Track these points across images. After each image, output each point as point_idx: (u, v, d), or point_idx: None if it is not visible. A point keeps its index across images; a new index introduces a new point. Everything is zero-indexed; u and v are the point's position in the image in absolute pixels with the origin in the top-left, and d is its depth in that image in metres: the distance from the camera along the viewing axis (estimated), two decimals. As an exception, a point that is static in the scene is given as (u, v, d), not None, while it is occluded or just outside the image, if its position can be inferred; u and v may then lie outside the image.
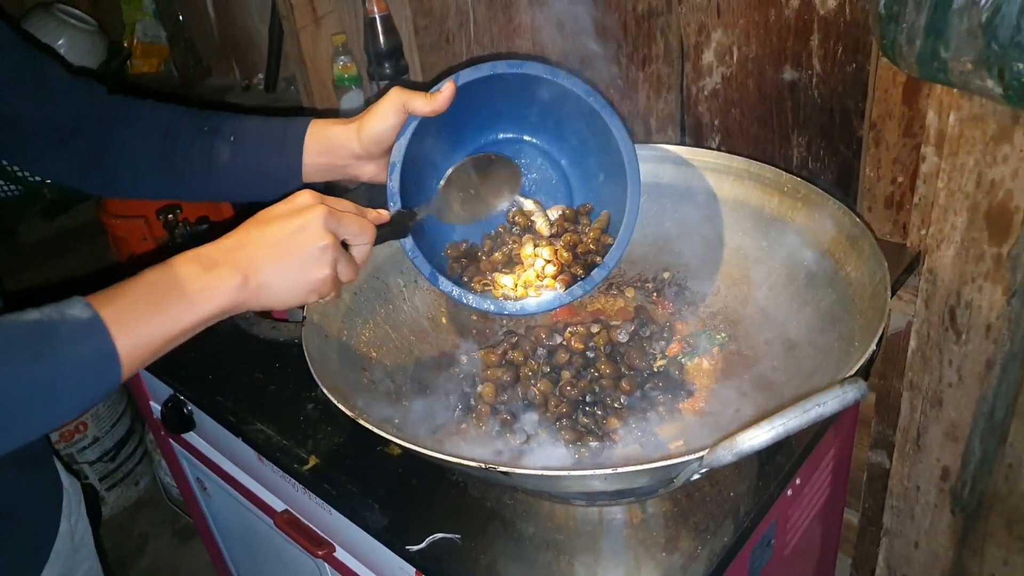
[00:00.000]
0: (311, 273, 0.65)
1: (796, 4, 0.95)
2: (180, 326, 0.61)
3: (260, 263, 0.64)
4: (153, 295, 0.60)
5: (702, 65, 1.08)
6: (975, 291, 0.90)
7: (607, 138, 0.83)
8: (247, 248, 0.64)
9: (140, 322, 0.59)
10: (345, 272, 0.69)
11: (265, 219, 0.66)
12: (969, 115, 0.81)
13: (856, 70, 0.95)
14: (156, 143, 0.82)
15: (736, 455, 0.57)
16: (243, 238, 0.65)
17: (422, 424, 0.79)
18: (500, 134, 0.91)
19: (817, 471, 0.94)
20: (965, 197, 0.86)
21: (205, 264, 0.63)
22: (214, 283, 0.62)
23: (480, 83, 0.78)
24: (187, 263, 0.63)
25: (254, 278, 0.63)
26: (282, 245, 0.64)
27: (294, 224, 0.65)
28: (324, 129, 0.80)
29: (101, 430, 1.83)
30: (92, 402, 0.59)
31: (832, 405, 0.57)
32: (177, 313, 0.61)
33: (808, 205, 0.87)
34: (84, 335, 0.57)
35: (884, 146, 0.96)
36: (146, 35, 2.01)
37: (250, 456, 0.97)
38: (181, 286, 0.61)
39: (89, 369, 0.57)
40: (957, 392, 0.97)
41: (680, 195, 0.98)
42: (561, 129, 0.90)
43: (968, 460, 0.98)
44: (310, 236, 0.65)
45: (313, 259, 0.65)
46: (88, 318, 0.57)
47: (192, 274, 0.62)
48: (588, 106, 0.81)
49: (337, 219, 0.67)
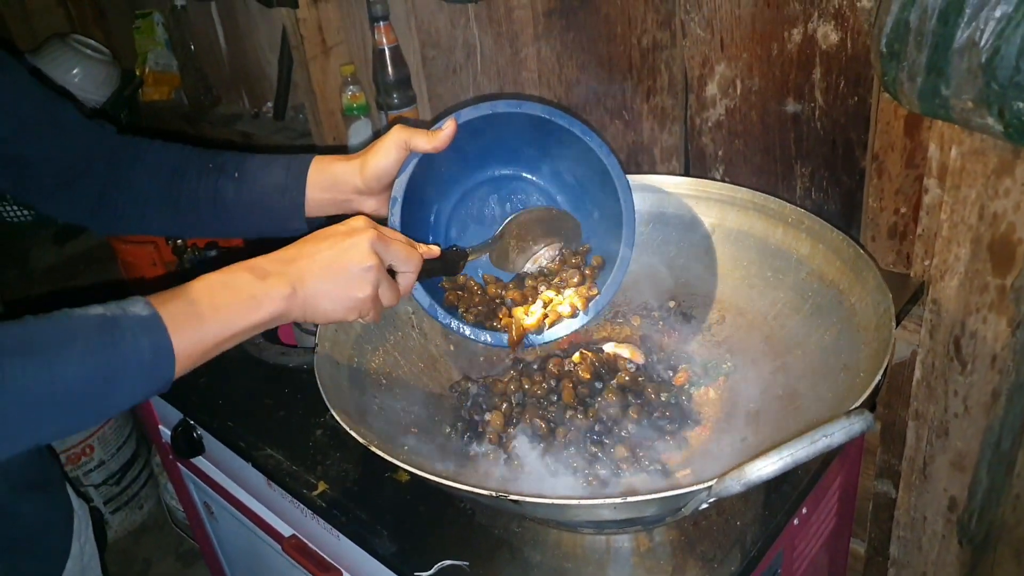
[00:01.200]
0: (353, 291, 0.69)
1: (798, 39, 0.97)
2: (232, 329, 0.64)
3: (308, 277, 0.67)
4: (209, 299, 0.63)
5: (706, 97, 1.10)
6: (980, 322, 0.91)
7: (603, 177, 0.86)
8: (298, 262, 0.68)
9: (196, 323, 0.62)
10: (387, 296, 0.71)
11: (319, 237, 0.70)
12: (971, 149, 0.82)
13: (858, 103, 0.96)
14: (163, 181, 0.84)
15: (745, 485, 0.58)
16: (296, 252, 0.69)
17: (431, 451, 0.80)
18: (498, 171, 0.93)
19: (823, 501, 0.94)
20: (968, 229, 0.87)
21: (258, 273, 0.66)
22: (265, 291, 0.65)
23: (480, 121, 0.80)
24: (242, 271, 0.66)
25: (301, 290, 0.67)
26: (330, 262, 0.68)
27: (344, 244, 0.69)
28: (327, 165, 0.83)
29: (107, 453, 1.83)
30: (145, 395, 0.62)
31: (839, 436, 0.57)
32: (230, 317, 0.64)
33: (812, 236, 0.88)
34: (144, 330, 0.60)
35: (887, 177, 0.98)
36: (158, 64, 2.04)
37: (259, 481, 0.98)
38: (235, 292, 0.65)
39: (147, 363, 0.59)
40: (963, 422, 0.98)
41: (685, 225, 0.99)
42: (557, 166, 0.92)
43: (975, 490, 0.98)
44: (356, 256, 0.68)
45: (356, 278, 0.68)
46: (148, 315, 0.60)
47: (246, 282, 0.65)
48: (584, 145, 0.84)
49: (385, 244, 0.70)
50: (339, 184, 0.82)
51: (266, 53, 1.79)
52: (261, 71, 1.83)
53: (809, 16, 0.95)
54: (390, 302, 0.72)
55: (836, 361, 0.80)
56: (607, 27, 1.14)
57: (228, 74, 1.94)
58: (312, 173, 0.82)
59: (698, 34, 1.06)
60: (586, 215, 0.93)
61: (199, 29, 1.91)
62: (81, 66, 1.84)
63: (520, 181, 0.94)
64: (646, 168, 1.23)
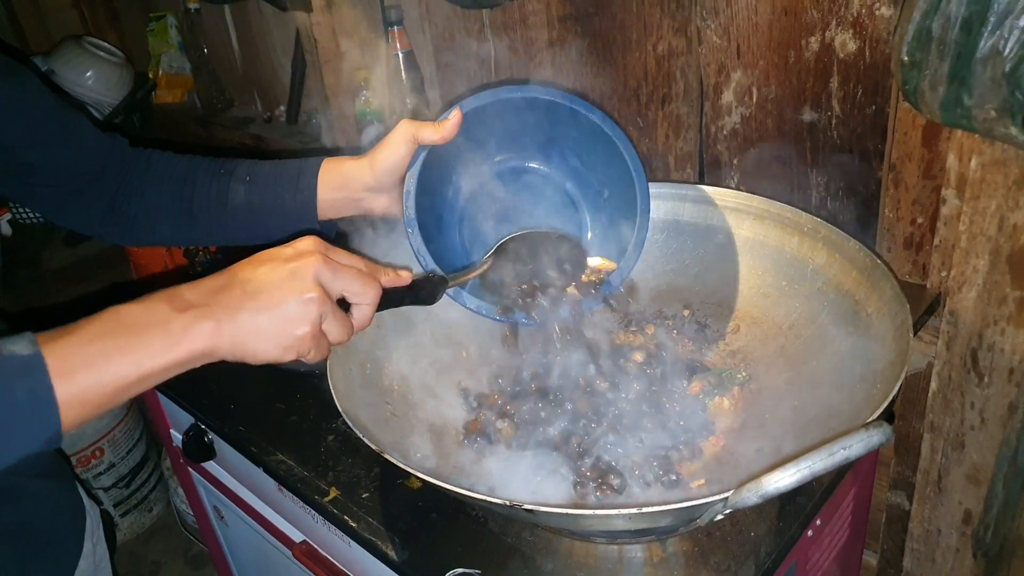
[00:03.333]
0: (289, 327, 0.59)
1: (816, 47, 0.97)
2: (139, 372, 0.55)
3: (237, 310, 0.58)
4: (113, 335, 0.55)
5: (721, 105, 1.10)
6: (997, 334, 0.90)
7: (610, 154, 0.85)
8: (227, 291, 0.59)
9: (91, 365, 0.53)
10: (334, 331, 0.62)
11: (257, 261, 0.61)
12: (991, 160, 0.82)
13: (875, 112, 0.96)
14: (174, 188, 0.83)
15: (761, 497, 0.57)
16: (227, 280, 0.60)
17: (444, 458, 0.79)
18: (508, 161, 0.92)
19: (837, 512, 0.93)
20: (987, 240, 0.86)
21: (178, 305, 0.57)
22: (184, 327, 0.56)
23: (485, 109, 0.80)
24: (159, 302, 0.57)
25: (228, 325, 0.57)
26: (265, 293, 0.59)
27: (284, 271, 0.59)
28: (337, 165, 0.82)
29: (117, 456, 1.84)
30: (28, 450, 0.53)
31: (857, 448, 0.57)
32: (137, 357, 0.55)
33: (829, 245, 0.88)
34: (19, 374, 0.51)
35: (904, 187, 0.97)
36: (171, 67, 2.05)
37: (270, 486, 0.98)
38: (147, 327, 0.55)
39: (21, 412, 0.51)
40: (979, 435, 0.97)
41: (700, 233, 0.99)
42: (564, 150, 0.91)
43: (991, 504, 0.97)
44: (295, 286, 0.59)
45: (293, 312, 0.59)
46: (29, 355, 0.52)
47: (161, 315, 0.56)
48: (590, 123, 0.83)
49: (333, 272, 0.61)
50: (350, 182, 0.81)
51: (279, 57, 1.79)
52: (274, 75, 1.84)
53: (827, 24, 0.95)
54: (338, 339, 0.62)
55: (852, 372, 0.79)
56: (622, 34, 1.14)
57: (241, 77, 1.94)
58: (323, 173, 0.82)
59: (714, 41, 1.05)
60: (596, 195, 0.92)
61: (212, 32, 1.92)
62: (95, 68, 1.85)
63: (530, 171, 0.92)
64: (660, 175, 1.23)
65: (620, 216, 0.88)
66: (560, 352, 0.86)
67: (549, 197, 0.93)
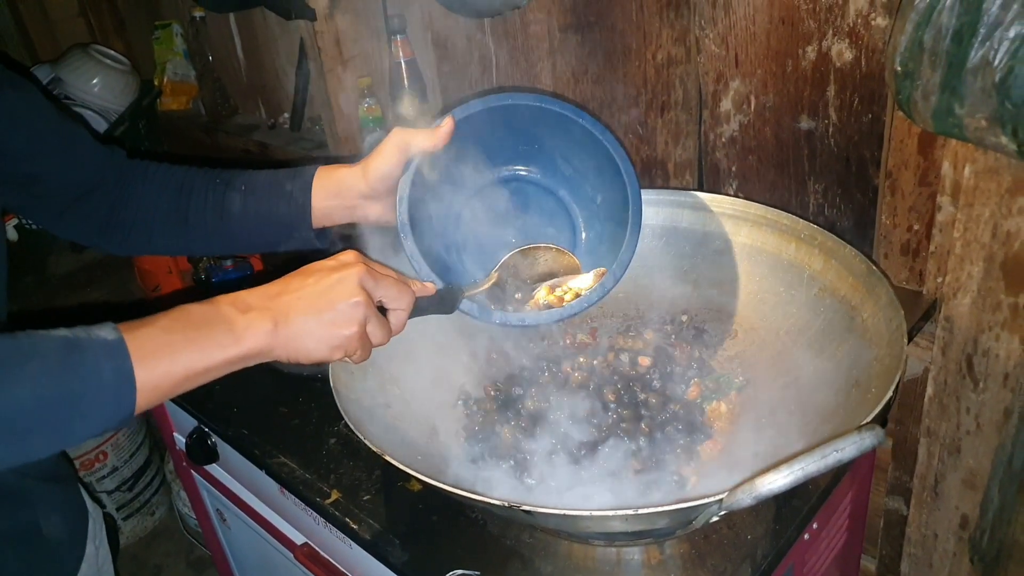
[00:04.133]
0: (339, 329, 0.65)
1: (813, 56, 0.98)
2: (205, 363, 0.61)
3: (292, 313, 0.64)
4: (183, 330, 0.61)
5: (720, 113, 1.11)
6: (992, 339, 0.91)
7: (601, 159, 0.85)
8: (282, 297, 0.65)
9: (164, 353, 0.59)
10: (376, 334, 0.68)
11: (307, 272, 0.68)
12: (984, 168, 0.83)
13: (872, 120, 0.97)
14: (171, 198, 0.85)
15: (755, 498, 0.58)
16: (281, 287, 0.66)
17: (443, 460, 0.80)
18: (501, 170, 0.92)
19: (834, 516, 0.94)
20: (981, 247, 0.87)
21: (240, 307, 0.64)
22: (246, 326, 0.63)
23: (477, 118, 0.81)
24: (223, 304, 0.64)
25: (284, 327, 0.64)
26: (315, 298, 0.65)
27: (331, 279, 0.66)
28: (331, 173, 0.84)
29: (120, 459, 1.85)
30: (105, 426, 0.59)
31: (850, 451, 0.58)
32: (204, 350, 0.61)
33: (825, 252, 0.89)
34: (107, 355, 0.57)
35: (900, 194, 0.98)
36: (176, 74, 2.07)
37: (272, 489, 0.99)
38: (213, 325, 0.62)
39: (107, 390, 0.57)
40: (975, 440, 0.98)
41: (698, 240, 1.00)
42: (556, 156, 0.91)
43: (987, 508, 0.98)
44: (343, 291, 0.65)
45: (342, 315, 0.65)
46: (114, 340, 0.58)
47: (226, 315, 0.63)
48: (576, 126, 0.83)
49: (375, 280, 0.68)
50: (344, 190, 0.83)
51: (283, 64, 1.81)
52: (278, 82, 1.86)
53: (824, 34, 0.96)
54: (380, 341, 0.69)
55: (848, 377, 0.80)
56: (622, 42, 1.15)
57: (245, 84, 1.96)
58: (317, 181, 0.83)
59: (713, 50, 1.07)
60: (589, 202, 0.92)
61: (217, 40, 1.94)
62: (101, 76, 1.87)
63: (522, 178, 0.93)
64: (660, 183, 1.24)
65: (614, 221, 0.89)
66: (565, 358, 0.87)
67: (542, 204, 0.94)
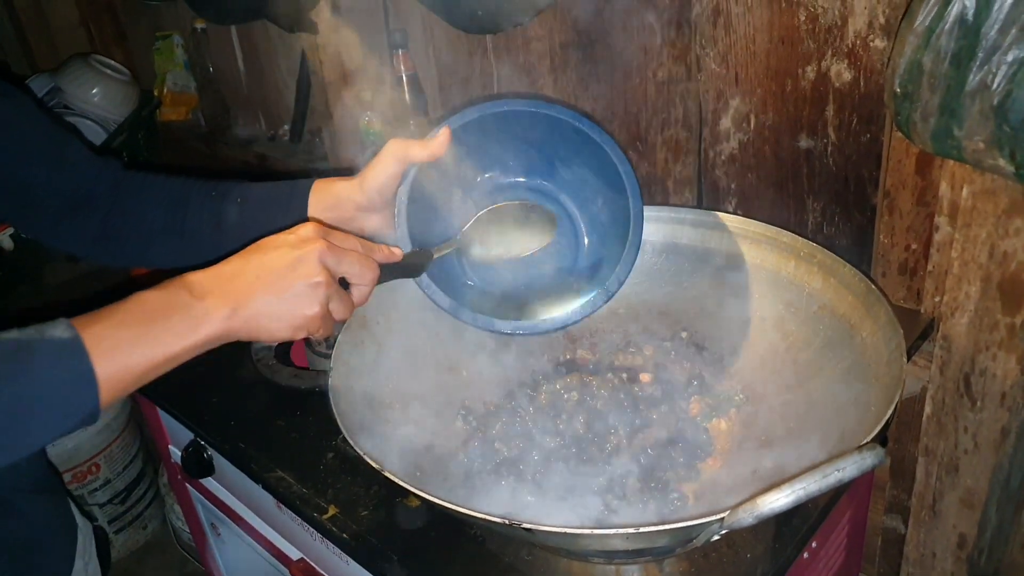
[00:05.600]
0: (300, 309, 0.64)
1: (812, 76, 0.99)
2: (165, 353, 0.60)
3: (251, 294, 0.63)
4: (140, 320, 0.59)
5: (720, 131, 1.12)
6: (989, 359, 0.91)
7: (598, 159, 0.86)
8: (240, 277, 0.63)
9: (123, 346, 0.58)
10: (339, 310, 0.68)
11: (264, 248, 0.66)
12: (982, 189, 0.83)
13: (870, 140, 0.98)
14: (167, 209, 0.85)
15: (757, 518, 0.58)
16: (239, 267, 0.64)
17: (443, 476, 0.80)
18: (504, 179, 0.92)
19: (833, 534, 0.94)
20: (978, 267, 0.88)
21: (196, 292, 0.62)
22: (204, 312, 0.61)
23: (473, 126, 0.82)
24: (178, 289, 0.62)
25: (243, 309, 0.63)
26: (275, 277, 0.64)
27: (291, 257, 0.64)
28: (328, 186, 0.84)
29: (113, 472, 1.83)
30: (68, 426, 0.58)
31: (851, 471, 0.58)
32: (163, 339, 0.59)
33: (824, 270, 0.89)
34: (62, 356, 0.56)
35: (898, 214, 0.99)
36: (176, 84, 2.07)
37: (268, 503, 0.98)
38: (170, 312, 0.60)
39: (66, 391, 0.56)
40: (973, 459, 0.98)
41: (698, 257, 1.00)
42: (553, 161, 0.91)
43: (985, 528, 0.98)
44: (304, 271, 0.64)
45: (304, 295, 0.64)
46: (68, 339, 0.56)
47: (182, 301, 0.61)
48: (573, 128, 0.84)
49: (336, 256, 0.66)
50: (341, 203, 0.83)
51: (284, 76, 1.82)
52: (279, 94, 1.86)
53: (823, 54, 0.97)
54: (342, 316, 0.68)
55: (847, 395, 0.80)
56: (623, 60, 1.16)
57: (246, 96, 1.97)
58: (314, 194, 0.84)
59: (713, 69, 1.07)
60: (590, 204, 0.92)
61: (218, 51, 1.95)
62: (101, 85, 1.87)
63: (521, 186, 0.93)
64: (659, 199, 1.25)
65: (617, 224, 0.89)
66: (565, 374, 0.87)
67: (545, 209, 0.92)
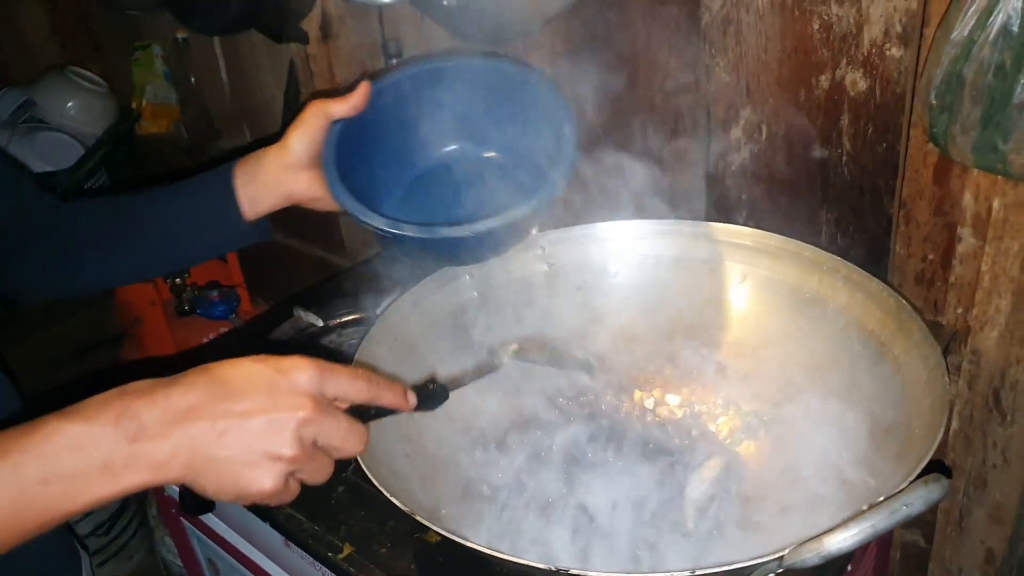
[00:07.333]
0: (251, 483, 0.52)
1: (826, 85, 0.97)
2: (65, 510, 0.48)
3: (197, 451, 0.50)
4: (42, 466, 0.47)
5: (730, 141, 1.09)
6: (1021, 373, 0.90)
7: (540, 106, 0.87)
8: (193, 424, 0.50)
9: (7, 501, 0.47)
10: (307, 479, 0.55)
11: (240, 388, 0.52)
12: (1015, 201, 0.82)
13: (886, 150, 0.96)
14: (106, 230, 0.84)
15: (823, 558, 0.55)
16: (195, 404, 0.51)
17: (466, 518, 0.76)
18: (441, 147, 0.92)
19: (865, 555, 0.91)
20: (1010, 280, 0.87)
21: (127, 430, 0.49)
22: (130, 459, 0.49)
23: (404, 86, 0.84)
24: (106, 425, 0.49)
25: (181, 463, 0.50)
26: (236, 438, 0.51)
27: (262, 420, 0.51)
28: (251, 156, 0.83)
29: (97, 501, 1.77)
30: None
31: (918, 505, 0.56)
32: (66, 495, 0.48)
33: (850, 285, 0.87)
34: None
35: (914, 224, 0.97)
36: (156, 97, 2.01)
37: (275, 540, 0.93)
38: (84, 458, 0.48)
39: None
40: (1002, 474, 0.96)
41: (715, 272, 0.98)
42: (496, 116, 0.90)
43: (1016, 545, 0.97)
44: (272, 441, 0.51)
45: (260, 470, 0.51)
46: None
47: (105, 443, 0.48)
48: (499, 70, 0.86)
49: (318, 427, 0.53)
50: (265, 167, 0.81)
51: (270, 87, 1.77)
52: (264, 105, 1.81)
53: (837, 63, 0.95)
54: (312, 483, 0.55)
55: (883, 416, 0.78)
56: (629, 69, 1.14)
57: (230, 107, 1.91)
58: (238, 168, 0.82)
59: (723, 78, 1.05)
60: (530, 156, 0.90)
61: (200, 62, 1.89)
62: (77, 98, 1.81)
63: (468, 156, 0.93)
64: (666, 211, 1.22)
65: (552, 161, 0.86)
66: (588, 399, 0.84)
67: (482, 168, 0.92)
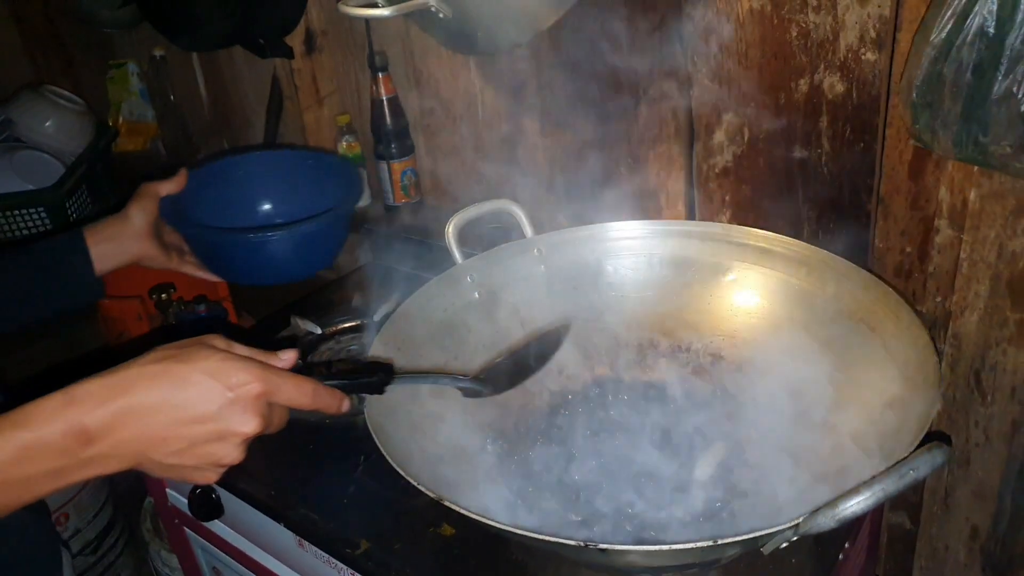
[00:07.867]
0: (194, 479, 0.61)
1: (805, 89, 1.02)
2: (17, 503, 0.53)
3: (147, 455, 0.56)
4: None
5: (713, 144, 1.13)
6: (1000, 355, 0.95)
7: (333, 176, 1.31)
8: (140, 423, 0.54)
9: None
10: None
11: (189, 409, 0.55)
12: (990, 192, 0.87)
13: (863, 149, 1.01)
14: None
15: (839, 521, 0.59)
16: (147, 401, 0.54)
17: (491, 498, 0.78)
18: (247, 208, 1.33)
19: (859, 534, 0.95)
20: (987, 267, 0.92)
21: (78, 436, 0.52)
22: (78, 464, 0.53)
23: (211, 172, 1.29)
24: (56, 433, 0.52)
25: (129, 461, 0.56)
26: (182, 444, 0.56)
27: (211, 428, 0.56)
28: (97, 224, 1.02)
29: (83, 521, 1.73)
30: None
31: (924, 469, 0.60)
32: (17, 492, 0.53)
33: (837, 276, 0.92)
34: None
35: (892, 219, 1.02)
36: (132, 114, 2.01)
37: (288, 542, 0.94)
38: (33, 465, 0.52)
39: None
40: (984, 452, 1.01)
41: (707, 269, 1.01)
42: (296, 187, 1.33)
43: (1000, 519, 1.01)
44: (218, 455, 0.59)
45: (205, 470, 0.60)
46: None
47: (54, 451, 0.52)
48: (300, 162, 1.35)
49: (260, 430, 0.60)
50: (112, 231, 1.01)
51: (251, 101, 1.77)
52: (245, 120, 1.81)
53: (815, 68, 1.00)
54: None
55: (878, 399, 0.81)
56: (613, 77, 1.17)
57: (209, 123, 1.91)
58: (87, 231, 0.99)
59: (706, 84, 1.09)
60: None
61: (178, 78, 1.89)
62: (55, 117, 1.79)
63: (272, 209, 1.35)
64: (652, 214, 1.26)
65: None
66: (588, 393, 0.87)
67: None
